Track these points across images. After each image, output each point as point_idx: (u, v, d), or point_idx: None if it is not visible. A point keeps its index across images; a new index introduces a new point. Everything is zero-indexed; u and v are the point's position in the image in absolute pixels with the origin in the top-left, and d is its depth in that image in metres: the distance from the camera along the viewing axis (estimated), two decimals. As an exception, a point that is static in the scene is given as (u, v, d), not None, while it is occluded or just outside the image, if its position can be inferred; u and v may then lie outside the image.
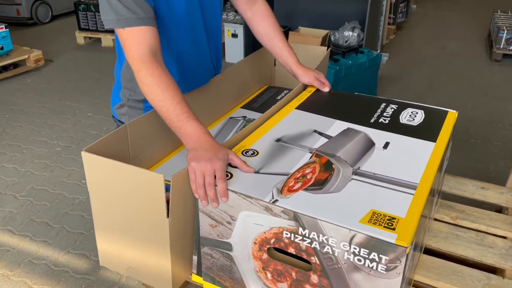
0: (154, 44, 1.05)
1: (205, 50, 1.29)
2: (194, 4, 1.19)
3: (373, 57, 3.20)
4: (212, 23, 1.28)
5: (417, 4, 6.41)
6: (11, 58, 3.71)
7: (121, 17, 1.02)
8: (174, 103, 0.99)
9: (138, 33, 1.03)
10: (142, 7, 1.04)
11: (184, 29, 1.19)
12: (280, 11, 4.40)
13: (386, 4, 4.01)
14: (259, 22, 1.40)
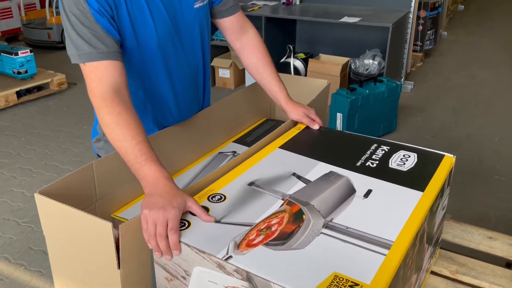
0: (117, 80, 0.99)
1: (184, 85, 1.24)
2: (169, 37, 1.14)
3: (392, 86, 3.08)
4: (194, 54, 1.23)
5: (448, 31, 6.24)
6: (35, 81, 3.82)
7: (82, 51, 0.98)
8: (133, 143, 0.93)
9: (99, 69, 0.98)
10: (104, 41, 0.99)
11: (157, 64, 1.14)
12: (302, 37, 4.37)
13: (410, 32, 3.89)
14: (248, 55, 1.34)
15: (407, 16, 3.78)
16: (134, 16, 1.05)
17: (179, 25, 1.15)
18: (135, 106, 1.18)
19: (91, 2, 0.98)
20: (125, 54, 1.08)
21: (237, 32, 1.32)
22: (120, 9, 1.03)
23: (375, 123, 3.10)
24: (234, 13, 1.29)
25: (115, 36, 1.02)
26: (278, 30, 4.05)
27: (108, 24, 1.00)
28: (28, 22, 5.29)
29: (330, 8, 3.99)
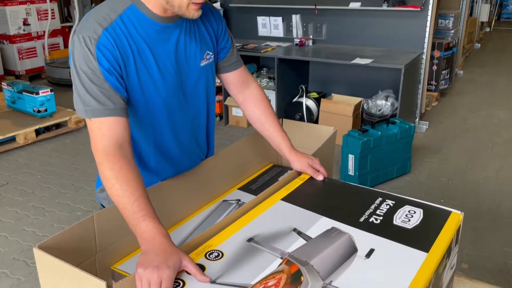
0: (120, 136, 1.01)
1: (188, 137, 1.25)
2: (175, 93, 1.16)
3: (405, 128, 3.05)
4: (198, 108, 1.25)
5: (465, 69, 6.22)
6: (53, 120, 3.92)
7: (89, 107, 1.01)
8: (131, 199, 0.93)
9: (104, 124, 1.01)
10: (112, 98, 1.02)
11: (162, 117, 1.16)
12: (315, 77, 4.41)
13: (424, 72, 3.90)
14: (251, 107, 1.36)
15: (420, 57, 3.80)
16: (142, 74, 1.08)
17: (185, 82, 1.18)
18: (139, 156, 1.20)
19: (102, 61, 1.01)
20: (131, 108, 1.10)
21: (240, 86, 1.35)
22: (129, 68, 1.06)
23: (388, 165, 3.06)
24: (237, 68, 1.32)
25: (122, 94, 1.04)
26: (291, 70, 4.11)
27: (117, 82, 1.03)
28: (52, 61, 5.50)
29: (343, 49, 4.05)
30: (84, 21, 1.06)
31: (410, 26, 3.83)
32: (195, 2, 1.04)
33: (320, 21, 4.22)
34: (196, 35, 1.19)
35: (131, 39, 1.06)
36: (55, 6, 5.78)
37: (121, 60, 1.04)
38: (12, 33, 5.40)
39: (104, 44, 1.01)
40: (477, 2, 7.00)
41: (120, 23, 1.05)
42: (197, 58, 1.19)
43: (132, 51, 1.06)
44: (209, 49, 1.22)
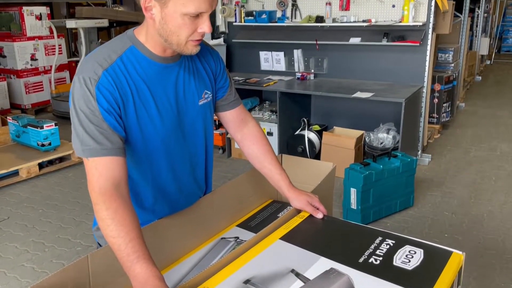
0: (117, 176, 1.02)
1: (186, 175, 1.25)
2: (173, 132, 1.17)
3: (407, 161, 3.05)
4: (196, 146, 1.26)
5: (466, 102, 6.26)
6: (57, 153, 3.95)
7: (86, 147, 1.02)
8: (126, 240, 0.93)
9: (102, 164, 1.01)
10: (110, 138, 1.03)
11: (160, 156, 1.17)
12: (317, 110, 4.45)
13: (425, 105, 3.92)
14: (249, 145, 1.37)
15: (420, 91, 3.83)
16: (141, 114, 1.10)
17: (184, 121, 1.19)
18: (136, 195, 1.20)
19: (101, 101, 1.03)
20: (129, 146, 1.11)
21: (238, 125, 1.37)
22: (128, 108, 1.07)
23: (391, 198, 3.04)
24: (235, 107, 1.34)
25: (120, 133, 1.06)
26: (293, 103, 4.15)
27: (115, 122, 1.04)
28: (57, 95, 5.58)
29: (344, 82, 4.09)
30: (85, 62, 1.08)
31: (410, 61, 3.89)
32: (193, 39, 1.06)
33: (321, 56, 4.29)
34: (195, 74, 1.21)
35: (130, 79, 1.08)
36: (62, 42, 5.92)
37: (120, 100, 1.06)
38: (19, 68, 5.51)
39: (104, 85, 1.03)
40: (476, 36, 7.10)
41: (120, 64, 1.08)
42: (196, 97, 1.21)
43: (131, 92, 1.08)
44: (207, 89, 1.24)
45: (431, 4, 3.62)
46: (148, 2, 1.04)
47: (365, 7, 3.93)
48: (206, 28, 1.04)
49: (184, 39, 1.05)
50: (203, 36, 1.06)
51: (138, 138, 1.11)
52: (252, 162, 1.38)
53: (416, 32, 3.74)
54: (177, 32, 1.04)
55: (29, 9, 5.56)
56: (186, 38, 1.05)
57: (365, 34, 3.96)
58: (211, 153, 1.35)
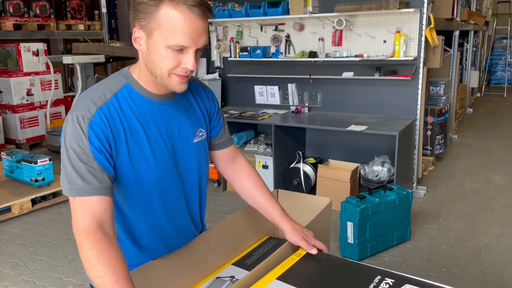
0: (102, 215, 1.01)
1: (181, 213, 1.25)
2: (167, 171, 1.17)
3: (403, 194, 3.04)
4: (191, 185, 1.26)
5: (459, 134, 6.32)
6: (50, 189, 3.91)
7: (74, 186, 1.02)
8: (112, 280, 0.91)
9: (87, 204, 1.01)
10: (98, 177, 1.02)
11: (154, 195, 1.17)
12: (312, 142, 4.47)
13: (418, 138, 3.96)
14: (239, 180, 1.37)
15: (413, 124, 3.87)
16: (134, 152, 1.10)
17: (178, 159, 1.19)
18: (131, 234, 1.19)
19: (93, 140, 1.03)
20: (122, 185, 1.11)
21: (229, 163, 1.39)
22: (120, 146, 1.08)
23: (388, 232, 3.01)
24: (228, 146, 1.36)
25: (110, 172, 1.05)
26: (288, 136, 4.17)
27: (105, 161, 1.04)
28: (52, 129, 5.59)
29: (338, 116, 4.14)
30: (79, 100, 1.09)
31: (402, 94, 3.95)
32: (177, 73, 1.06)
33: (315, 90, 4.36)
34: (190, 113, 1.23)
35: (124, 118, 1.09)
36: (58, 77, 5.98)
37: (112, 139, 1.06)
38: (15, 103, 5.54)
39: (96, 123, 1.04)
40: (466, 69, 7.26)
41: (115, 101, 1.08)
42: (190, 135, 1.22)
43: (124, 130, 1.08)
44: (201, 127, 1.25)
45: (421, 39, 3.72)
46: (137, 33, 1.06)
47: (357, 43, 4.02)
48: (189, 64, 1.04)
49: (166, 71, 1.05)
50: (187, 72, 1.06)
51: (131, 176, 1.11)
52: (245, 198, 1.38)
53: (407, 66, 3.82)
54: (160, 63, 1.04)
55: (26, 45, 5.65)
56: (168, 71, 1.05)
57: (358, 68, 4.04)
58: (205, 192, 1.34)
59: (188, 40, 1.01)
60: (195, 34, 1.01)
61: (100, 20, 6.62)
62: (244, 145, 4.38)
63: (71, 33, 6.27)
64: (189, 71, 1.06)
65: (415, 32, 3.76)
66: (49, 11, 5.74)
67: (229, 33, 4.66)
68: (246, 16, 4.28)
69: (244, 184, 1.36)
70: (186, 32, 1.00)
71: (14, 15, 5.36)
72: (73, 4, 6.15)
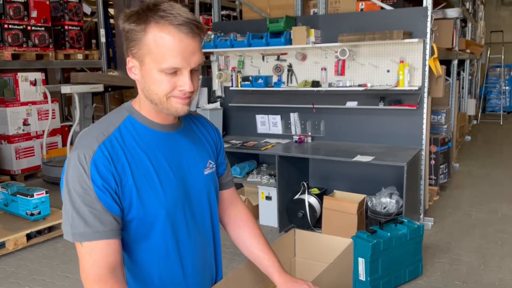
0: (112, 260, 0.95)
1: (195, 255, 1.15)
2: (179, 204, 1.09)
3: (414, 228, 2.95)
4: (204, 223, 1.17)
5: (460, 162, 6.28)
6: (46, 223, 3.77)
7: (76, 231, 0.96)
8: None
9: (95, 251, 0.94)
10: (102, 219, 0.96)
11: (165, 231, 1.08)
12: (315, 173, 4.39)
13: (425, 168, 3.89)
14: (234, 228, 1.30)
15: (419, 153, 3.82)
16: (141, 185, 1.03)
17: (190, 191, 1.12)
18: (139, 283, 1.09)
19: (95, 179, 0.97)
20: (130, 225, 1.04)
21: (227, 206, 1.31)
22: (126, 180, 1.01)
23: (400, 268, 2.90)
24: (230, 187, 1.30)
25: (115, 213, 0.99)
26: (292, 166, 4.09)
27: (110, 200, 0.98)
28: (49, 160, 5.47)
29: (342, 145, 4.08)
30: (81, 137, 1.04)
31: (406, 123, 3.91)
32: (175, 96, 1.01)
33: (318, 119, 4.31)
34: (198, 144, 1.17)
35: (128, 151, 1.02)
36: (56, 106, 5.91)
37: (117, 175, 0.99)
38: (11, 133, 5.43)
39: (99, 160, 0.98)
40: (463, 97, 7.31)
41: (118, 135, 1.03)
42: (200, 166, 1.15)
43: (129, 164, 1.01)
44: (211, 159, 1.19)
45: (425, 69, 3.71)
46: (131, 63, 1.03)
47: (360, 72, 4.01)
48: (186, 86, 0.99)
49: (163, 95, 1.01)
50: (186, 94, 1.01)
51: (140, 212, 1.03)
52: (239, 247, 1.29)
53: (412, 95, 3.79)
54: (156, 89, 1.00)
55: (24, 75, 5.59)
56: (165, 95, 1.00)
57: (361, 98, 4.01)
58: (218, 227, 1.25)
59: (180, 60, 0.98)
60: (186, 53, 0.98)
61: (98, 49, 6.61)
62: (247, 175, 4.28)
63: (69, 63, 6.24)
64: (187, 93, 1.01)
65: (418, 62, 3.75)
66: (48, 41, 5.72)
67: (231, 62, 4.64)
68: (248, 46, 4.27)
69: (239, 232, 1.29)
70: (177, 53, 0.97)
71: (12, 45, 5.32)
72: (72, 33, 6.15)
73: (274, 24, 4.12)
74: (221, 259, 1.32)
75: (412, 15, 3.73)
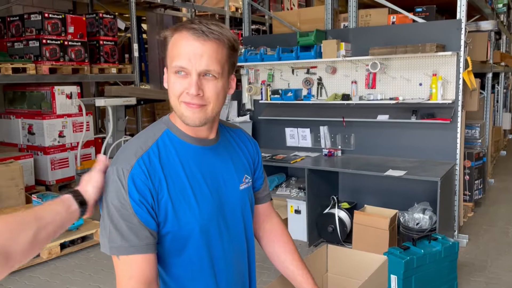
0: (148, 275, 0.96)
1: (229, 273, 1.15)
2: (214, 219, 1.09)
3: (449, 245, 2.86)
4: (239, 239, 1.17)
5: (495, 177, 6.08)
6: (80, 232, 3.85)
7: (113, 244, 0.98)
8: None
9: (132, 265, 0.96)
10: (138, 234, 0.97)
11: (200, 246, 1.08)
12: (345, 186, 4.34)
13: (459, 183, 3.79)
14: (268, 242, 1.29)
15: (453, 168, 3.72)
16: (176, 200, 1.04)
17: (224, 206, 1.13)
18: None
19: (133, 193, 0.99)
20: (165, 239, 1.05)
21: (262, 221, 1.31)
22: (162, 195, 1.02)
23: (434, 286, 2.82)
24: (265, 201, 1.30)
25: (152, 227, 1.00)
26: (321, 180, 4.05)
27: (147, 214, 0.99)
28: (82, 171, 5.60)
29: (373, 159, 4.02)
30: (121, 151, 1.06)
31: (440, 138, 3.83)
32: (184, 100, 1.02)
33: (348, 132, 4.27)
34: (234, 159, 1.17)
35: (164, 165, 1.04)
36: (90, 119, 6.08)
37: (154, 189, 1.01)
38: (47, 145, 5.61)
39: (137, 174, 1.00)
40: (498, 111, 7.11)
41: (155, 149, 1.05)
42: (236, 181, 1.15)
43: (165, 178, 1.03)
44: (247, 174, 1.20)
45: (459, 82, 3.63)
46: (165, 73, 1.08)
47: (391, 86, 3.96)
48: (190, 88, 1.01)
49: (175, 99, 1.03)
50: (193, 99, 1.02)
51: (175, 227, 1.04)
52: (273, 261, 1.29)
53: (445, 109, 3.72)
54: (170, 93, 1.04)
55: (61, 88, 5.79)
56: (177, 98, 1.03)
57: (393, 111, 3.95)
58: (252, 243, 1.25)
59: (185, 61, 1.01)
60: (192, 55, 1.00)
61: (131, 63, 6.78)
62: (276, 188, 4.27)
63: (104, 76, 6.43)
64: (194, 99, 1.02)
65: (452, 75, 3.68)
66: (83, 55, 5.92)
67: (261, 76, 4.67)
68: (278, 59, 4.30)
69: (273, 247, 1.29)
70: (184, 53, 1.00)
71: (50, 59, 5.53)
72: (106, 48, 6.34)
73: (304, 38, 4.14)
74: (255, 274, 1.31)
75: (445, 28, 3.68)
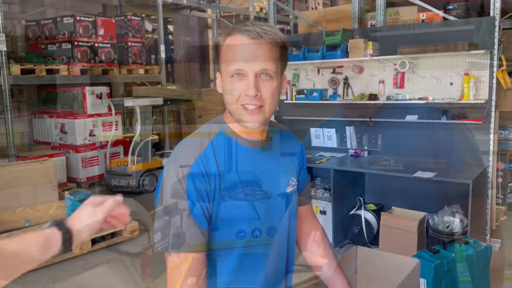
0: (197, 273, 0.99)
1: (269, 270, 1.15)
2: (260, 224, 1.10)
3: (481, 249, 2.78)
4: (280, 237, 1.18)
5: (529, 179, 5.87)
6: (109, 229, 3.94)
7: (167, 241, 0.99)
8: None
9: (183, 263, 0.98)
10: (191, 233, 1.00)
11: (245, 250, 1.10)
12: (371, 188, 4.28)
13: (492, 186, 3.68)
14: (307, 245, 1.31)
15: (486, 171, 3.61)
16: (229, 200, 1.06)
17: (271, 209, 1.14)
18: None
19: (191, 193, 1.01)
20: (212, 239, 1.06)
21: (301, 223, 1.31)
22: (216, 195, 1.04)
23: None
24: (306, 204, 1.31)
25: (204, 227, 1.02)
26: (347, 181, 4.01)
27: (201, 214, 1.02)
28: (111, 169, 5.73)
29: (400, 160, 3.95)
30: (180, 149, 1.08)
31: (471, 139, 3.72)
32: (243, 103, 1.03)
33: (375, 133, 4.21)
34: (283, 161, 1.19)
35: (219, 166, 1.06)
36: (119, 119, 6.21)
37: (210, 189, 1.03)
38: (78, 144, 5.77)
39: (195, 174, 1.02)
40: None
41: (210, 150, 1.06)
42: (283, 184, 1.16)
43: (219, 179, 1.05)
44: (294, 176, 1.21)
45: (493, 82, 3.52)
46: (218, 78, 1.08)
47: (420, 85, 3.88)
48: (249, 90, 1.01)
49: (234, 103, 1.04)
50: (252, 101, 1.02)
51: (224, 227, 1.05)
52: (310, 264, 1.29)
53: (477, 109, 3.62)
54: (228, 98, 1.04)
55: (91, 89, 5.94)
56: (235, 102, 1.03)
57: (422, 111, 3.88)
58: (293, 247, 1.25)
59: (241, 63, 1.02)
60: (248, 56, 1.02)
61: (158, 64, 6.89)
62: (302, 190, 4.25)
63: (132, 77, 6.56)
64: (253, 100, 1.02)
65: (485, 74, 3.57)
66: (113, 57, 6.05)
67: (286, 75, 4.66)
68: (304, 59, 4.28)
69: (311, 249, 1.29)
70: (240, 56, 1.02)
71: (81, 61, 5.68)
72: (134, 49, 6.46)
73: (330, 37, 4.10)
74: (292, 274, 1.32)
75: (478, 26, 3.58)
